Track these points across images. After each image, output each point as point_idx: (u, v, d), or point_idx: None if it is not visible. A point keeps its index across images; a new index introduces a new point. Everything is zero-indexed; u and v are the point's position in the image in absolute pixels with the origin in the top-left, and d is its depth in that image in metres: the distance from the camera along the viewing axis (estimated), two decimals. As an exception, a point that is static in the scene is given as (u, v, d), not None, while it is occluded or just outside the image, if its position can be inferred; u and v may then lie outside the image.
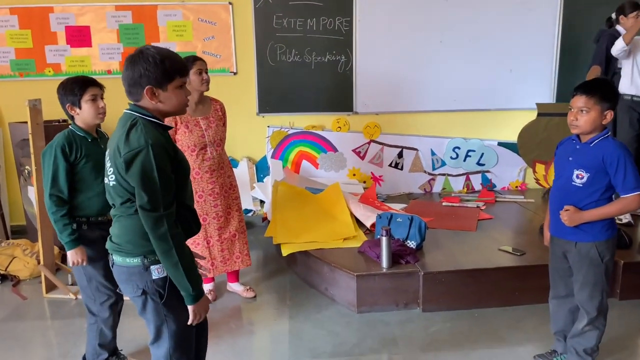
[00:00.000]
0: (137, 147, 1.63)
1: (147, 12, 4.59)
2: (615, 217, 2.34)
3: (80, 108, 2.35)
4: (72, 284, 3.67)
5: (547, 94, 4.98)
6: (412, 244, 3.46)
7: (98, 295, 2.45)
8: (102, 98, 2.42)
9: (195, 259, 2.06)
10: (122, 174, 1.67)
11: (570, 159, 2.32)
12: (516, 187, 5.17)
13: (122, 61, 4.65)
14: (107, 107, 2.45)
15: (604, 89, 2.23)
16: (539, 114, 4.79)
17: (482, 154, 5.08)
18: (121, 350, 2.68)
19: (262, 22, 4.67)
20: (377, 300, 3.21)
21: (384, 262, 3.20)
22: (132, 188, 1.67)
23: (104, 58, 4.64)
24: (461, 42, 4.84)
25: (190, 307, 1.77)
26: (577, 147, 2.32)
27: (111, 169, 1.74)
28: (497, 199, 4.78)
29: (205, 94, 3.22)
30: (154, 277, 1.76)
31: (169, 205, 1.68)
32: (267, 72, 4.76)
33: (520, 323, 3.04)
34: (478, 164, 5.12)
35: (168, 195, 1.67)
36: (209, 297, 3.40)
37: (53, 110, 3.65)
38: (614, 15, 4.21)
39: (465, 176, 5.15)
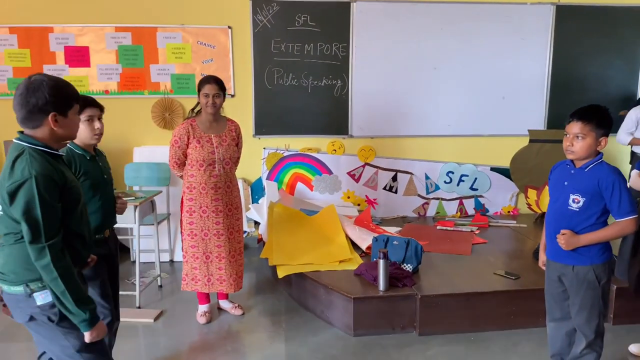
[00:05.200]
0: (20, 178, 1.64)
1: (147, 34, 4.64)
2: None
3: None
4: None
5: (539, 121, 5.08)
6: (408, 267, 3.47)
7: None
8: (99, 119, 2.39)
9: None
10: (6, 205, 1.68)
11: (566, 183, 2.37)
12: (508, 212, 5.22)
13: (120, 82, 4.68)
14: (103, 128, 2.41)
15: (599, 115, 2.29)
16: (531, 140, 4.88)
17: (476, 178, 5.14)
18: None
19: (260, 46, 4.75)
20: (374, 323, 3.20)
21: (381, 284, 3.20)
22: (17, 220, 1.68)
23: (102, 78, 4.67)
24: (455, 69, 4.94)
25: (86, 334, 1.77)
26: (572, 171, 2.36)
27: None
28: (491, 224, 4.82)
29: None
30: (38, 304, 1.75)
31: (52, 236, 1.68)
32: (264, 95, 4.82)
33: (517, 347, 3.05)
34: (471, 188, 5.17)
35: (51, 225, 1.68)
36: (204, 319, 3.38)
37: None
38: None
39: (458, 200, 5.20)
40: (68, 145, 2.34)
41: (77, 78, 4.64)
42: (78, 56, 4.63)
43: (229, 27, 4.73)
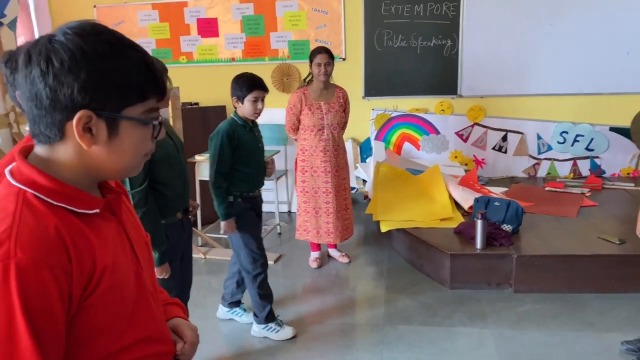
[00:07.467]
0: None
1: (267, 3, 5.04)
2: None
3: (242, 104, 2.68)
4: (201, 245, 4.30)
5: (669, 78, 4.71)
6: (508, 227, 3.60)
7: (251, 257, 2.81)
8: (262, 100, 2.69)
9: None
10: None
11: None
12: (627, 174, 4.99)
13: (244, 49, 5.17)
14: (264, 107, 2.71)
15: None
16: (657, 99, 4.57)
17: (592, 139, 4.95)
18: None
19: (370, 9, 4.92)
20: (470, 278, 3.43)
21: (478, 243, 3.40)
22: None
23: (229, 47, 5.19)
24: (573, 25, 4.72)
25: (155, 269, 2.16)
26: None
27: None
28: (605, 186, 4.68)
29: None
30: None
31: (137, 185, 2.07)
32: (374, 58, 5.02)
33: (613, 311, 3.10)
34: (587, 149, 5.00)
35: (136, 176, 2.04)
36: (315, 264, 3.84)
37: (185, 94, 4.25)
38: None
39: (572, 161, 5.06)
40: (232, 117, 2.74)
41: (208, 47, 5.21)
42: (208, 27, 5.18)
43: (341, -7, 4.96)
